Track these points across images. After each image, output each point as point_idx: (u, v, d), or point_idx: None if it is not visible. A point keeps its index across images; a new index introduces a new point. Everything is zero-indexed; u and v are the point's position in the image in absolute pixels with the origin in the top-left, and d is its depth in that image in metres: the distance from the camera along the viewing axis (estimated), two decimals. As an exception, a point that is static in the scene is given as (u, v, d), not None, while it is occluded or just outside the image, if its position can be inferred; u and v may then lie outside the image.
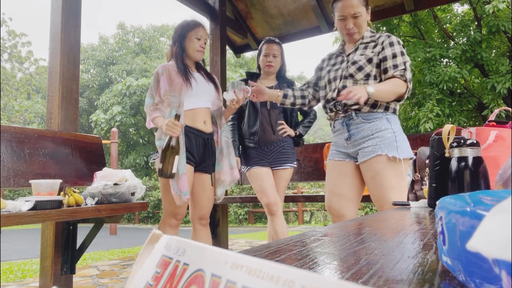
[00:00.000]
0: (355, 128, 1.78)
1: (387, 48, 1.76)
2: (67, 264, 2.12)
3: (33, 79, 18.92)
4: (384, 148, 1.69)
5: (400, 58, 1.74)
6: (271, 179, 2.45)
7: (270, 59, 2.51)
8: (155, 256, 0.23)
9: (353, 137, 1.79)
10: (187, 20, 2.10)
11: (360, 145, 1.77)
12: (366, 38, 1.84)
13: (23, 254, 4.84)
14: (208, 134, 2.05)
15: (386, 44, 1.77)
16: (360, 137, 1.77)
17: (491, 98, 7.09)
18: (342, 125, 1.84)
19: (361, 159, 1.76)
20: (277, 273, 0.16)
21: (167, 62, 2.10)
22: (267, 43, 2.55)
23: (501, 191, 0.35)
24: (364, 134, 1.76)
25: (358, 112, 1.77)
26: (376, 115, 1.75)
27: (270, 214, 2.44)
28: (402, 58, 1.74)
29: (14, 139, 1.96)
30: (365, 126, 1.76)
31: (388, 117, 1.76)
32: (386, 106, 1.76)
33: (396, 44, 1.76)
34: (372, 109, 1.76)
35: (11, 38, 17.92)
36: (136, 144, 16.95)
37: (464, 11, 8.63)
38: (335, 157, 1.90)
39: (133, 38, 18.92)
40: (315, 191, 10.17)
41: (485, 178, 0.86)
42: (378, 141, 1.71)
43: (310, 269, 0.37)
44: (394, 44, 1.76)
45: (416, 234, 0.59)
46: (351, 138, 1.80)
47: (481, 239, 0.20)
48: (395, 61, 1.73)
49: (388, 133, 1.72)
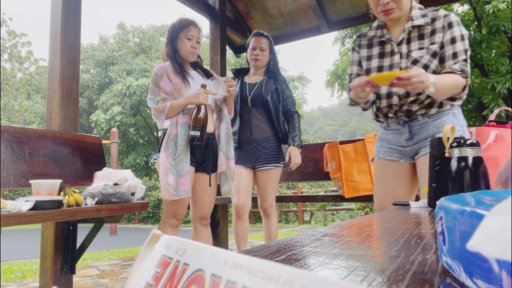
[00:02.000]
0: (419, 128, 1.55)
1: (446, 32, 1.45)
2: (67, 264, 2.12)
3: (33, 79, 18.93)
4: None
5: (460, 45, 1.43)
6: (247, 180, 2.41)
7: (257, 52, 2.44)
8: (155, 256, 0.23)
9: (416, 137, 1.56)
10: (178, 20, 2.08)
11: (423, 141, 1.54)
12: (416, 19, 1.49)
13: (23, 254, 4.84)
14: (210, 134, 2.05)
15: (445, 26, 1.45)
16: (424, 136, 1.54)
17: (491, 98, 7.09)
18: (402, 125, 1.59)
19: (424, 151, 1.52)
20: (277, 273, 0.16)
21: (164, 63, 2.09)
22: (255, 36, 2.48)
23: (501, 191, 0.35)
24: (429, 133, 1.53)
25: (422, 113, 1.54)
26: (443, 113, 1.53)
27: (237, 216, 2.44)
28: (462, 45, 1.43)
29: (14, 139, 1.96)
30: (430, 124, 1.53)
31: (455, 112, 1.53)
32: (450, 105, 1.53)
33: (456, 26, 1.44)
34: (439, 109, 1.51)
35: (11, 38, 17.93)
36: (136, 144, 16.95)
37: (464, 11, 8.63)
38: (387, 155, 1.65)
39: (133, 38, 18.92)
40: (315, 191, 10.17)
41: (485, 178, 0.86)
42: None
43: (310, 269, 0.37)
44: (454, 25, 1.44)
45: (416, 234, 0.59)
46: (413, 138, 1.57)
47: (481, 239, 0.20)
48: (454, 48, 1.43)
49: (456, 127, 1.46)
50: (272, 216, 2.45)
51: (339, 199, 2.96)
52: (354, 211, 9.60)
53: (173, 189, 1.88)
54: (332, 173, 2.96)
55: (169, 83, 1.99)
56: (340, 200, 2.95)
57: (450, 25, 1.45)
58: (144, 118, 16.17)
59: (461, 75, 1.41)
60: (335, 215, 10.21)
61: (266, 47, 2.47)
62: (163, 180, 1.91)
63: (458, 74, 1.40)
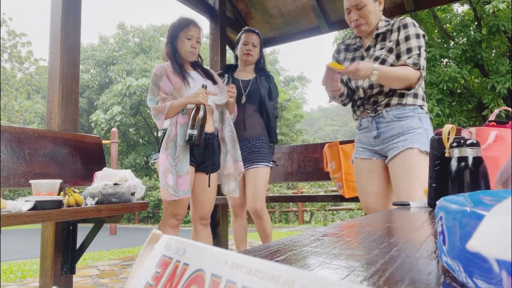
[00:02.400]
0: (385, 126, 1.73)
1: (401, 31, 1.67)
2: (67, 264, 2.12)
3: (33, 79, 18.92)
4: (416, 142, 1.64)
5: (415, 42, 1.63)
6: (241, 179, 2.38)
7: (249, 47, 2.41)
8: (155, 256, 0.23)
9: (382, 136, 1.74)
10: (178, 20, 2.08)
11: (389, 142, 1.72)
12: (381, 28, 1.75)
13: (23, 254, 4.84)
14: (210, 134, 2.05)
15: (400, 27, 1.68)
16: (390, 135, 1.72)
17: (491, 98, 7.09)
18: (371, 123, 1.78)
19: (392, 154, 1.70)
20: (277, 273, 0.16)
21: (163, 63, 2.09)
22: (246, 32, 2.46)
23: (501, 191, 0.35)
24: (394, 133, 1.70)
25: (388, 110, 1.71)
26: (407, 114, 1.69)
27: (235, 215, 2.43)
28: (416, 42, 1.63)
29: (14, 139, 1.96)
30: (395, 124, 1.70)
31: (420, 116, 1.69)
32: (413, 100, 1.69)
33: (411, 26, 1.66)
34: (400, 101, 1.69)
35: (11, 38, 17.93)
36: (136, 144, 16.95)
37: (464, 11, 8.63)
38: (361, 154, 1.84)
39: (133, 38, 18.92)
40: (315, 191, 10.18)
41: (485, 178, 0.86)
42: (409, 137, 1.66)
43: (310, 269, 0.37)
44: (409, 26, 1.66)
45: (416, 234, 0.59)
46: (380, 136, 1.75)
47: (481, 239, 0.20)
48: (408, 45, 1.63)
49: (420, 131, 1.66)
50: (265, 216, 2.38)
51: (339, 199, 2.96)
52: (354, 211, 9.60)
53: (172, 189, 1.88)
54: (332, 173, 2.96)
55: (169, 83, 1.99)
56: (340, 200, 2.95)
57: (405, 26, 1.67)
58: (144, 118, 16.17)
59: (413, 67, 1.60)
60: (335, 215, 10.21)
61: (257, 43, 2.44)
62: (162, 180, 1.91)
63: (410, 67, 1.60)
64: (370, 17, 1.72)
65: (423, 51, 1.63)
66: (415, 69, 1.61)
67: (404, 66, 1.62)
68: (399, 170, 1.67)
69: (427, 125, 1.69)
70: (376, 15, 1.74)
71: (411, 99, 1.70)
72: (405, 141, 1.66)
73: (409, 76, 1.60)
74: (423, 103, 1.74)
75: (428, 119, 1.73)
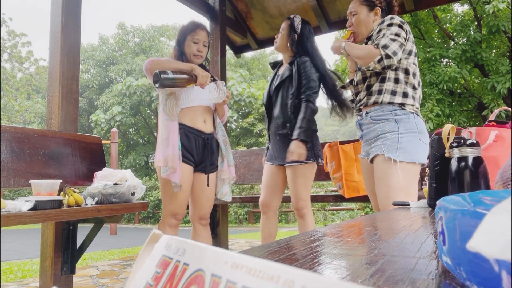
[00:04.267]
0: (366, 128, 1.81)
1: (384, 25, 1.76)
2: (67, 264, 2.12)
3: (33, 79, 18.91)
4: (384, 149, 1.68)
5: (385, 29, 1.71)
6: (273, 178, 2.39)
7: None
8: (155, 256, 0.23)
9: (365, 137, 1.83)
10: (187, 23, 2.11)
11: (370, 145, 1.80)
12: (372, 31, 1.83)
13: (23, 254, 4.84)
14: (208, 134, 2.05)
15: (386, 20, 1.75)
16: (370, 137, 1.79)
17: (491, 98, 7.09)
18: (357, 124, 1.88)
19: (371, 156, 1.79)
20: (277, 273, 0.16)
21: None
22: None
23: (501, 191, 0.35)
24: (372, 135, 1.77)
25: (368, 111, 1.78)
26: (384, 116, 1.71)
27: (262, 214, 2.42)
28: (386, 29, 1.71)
29: (14, 139, 1.96)
30: (374, 127, 1.76)
31: (398, 118, 1.69)
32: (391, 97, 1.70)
33: (386, 21, 1.74)
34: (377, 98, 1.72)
35: (11, 38, 17.92)
36: (136, 144, 16.95)
37: (464, 11, 8.63)
38: (361, 153, 1.94)
39: (133, 38, 18.91)
40: (315, 191, 10.17)
41: (485, 178, 0.86)
42: (380, 142, 1.71)
43: (310, 269, 0.37)
44: (385, 21, 1.74)
45: (416, 234, 0.59)
46: (363, 138, 1.85)
47: (481, 239, 0.20)
48: (378, 35, 1.73)
49: (392, 134, 1.67)
50: (306, 217, 2.23)
51: (339, 199, 2.96)
52: (354, 211, 9.60)
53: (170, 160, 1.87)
54: (332, 173, 2.96)
55: None
56: (340, 200, 2.95)
57: (381, 22, 1.76)
58: (144, 118, 16.17)
59: (374, 47, 1.68)
60: (335, 215, 10.20)
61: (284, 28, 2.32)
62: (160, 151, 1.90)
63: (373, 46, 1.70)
64: (361, 26, 1.85)
65: (390, 36, 1.67)
66: (375, 47, 1.68)
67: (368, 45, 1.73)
68: (376, 176, 1.72)
69: (403, 128, 1.66)
70: (368, 26, 1.85)
71: (388, 97, 1.70)
72: (375, 147, 1.72)
73: (369, 54, 1.67)
74: (404, 101, 1.69)
75: (411, 120, 1.68)
